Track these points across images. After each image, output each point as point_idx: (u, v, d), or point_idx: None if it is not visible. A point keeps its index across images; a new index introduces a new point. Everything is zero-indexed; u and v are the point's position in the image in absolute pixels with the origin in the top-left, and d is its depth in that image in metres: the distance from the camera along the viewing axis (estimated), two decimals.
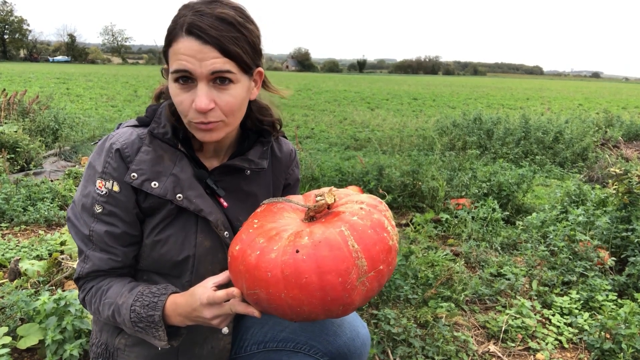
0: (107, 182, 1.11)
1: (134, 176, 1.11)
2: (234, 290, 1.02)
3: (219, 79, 1.05)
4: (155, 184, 1.12)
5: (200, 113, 1.06)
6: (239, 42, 1.05)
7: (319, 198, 1.08)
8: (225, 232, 1.20)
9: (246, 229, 1.08)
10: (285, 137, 1.42)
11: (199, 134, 1.11)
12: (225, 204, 1.23)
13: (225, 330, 1.27)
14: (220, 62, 1.03)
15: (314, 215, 1.08)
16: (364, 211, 1.03)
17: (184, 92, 1.06)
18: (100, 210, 1.12)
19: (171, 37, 1.05)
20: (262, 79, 1.21)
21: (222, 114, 1.08)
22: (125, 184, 1.12)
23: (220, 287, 1.08)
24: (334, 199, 1.08)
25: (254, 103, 1.25)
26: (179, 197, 1.13)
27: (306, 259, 0.92)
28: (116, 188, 1.11)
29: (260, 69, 1.17)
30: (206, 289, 1.05)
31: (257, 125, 1.28)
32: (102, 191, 1.11)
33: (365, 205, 1.05)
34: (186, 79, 1.05)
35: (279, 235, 1.01)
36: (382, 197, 3.70)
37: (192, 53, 1.02)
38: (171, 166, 1.15)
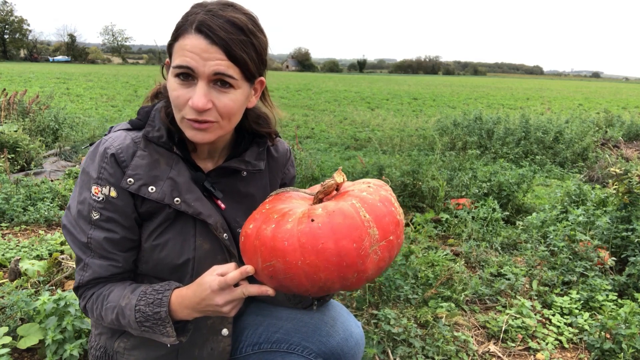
0: (103, 188, 1.09)
1: (130, 181, 1.10)
2: (247, 267, 1.02)
3: (220, 82, 1.05)
4: (152, 189, 1.11)
5: (195, 111, 1.05)
6: (246, 48, 1.04)
7: (326, 180, 1.11)
8: (224, 234, 1.19)
9: (258, 211, 1.11)
10: (280, 137, 1.41)
11: (190, 132, 1.09)
12: (222, 205, 1.22)
13: (225, 332, 1.26)
14: (225, 66, 1.02)
15: (322, 199, 1.11)
16: (372, 188, 1.08)
17: (183, 87, 1.05)
18: (97, 217, 1.10)
19: (179, 32, 1.04)
20: (262, 88, 1.20)
21: (218, 116, 1.07)
22: (122, 189, 1.10)
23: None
24: (343, 179, 1.12)
25: (251, 111, 1.23)
26: (177, 201, 1.12)
27: (322, 226, 0.96)
28: (113, 193, 1.10)
29: (262, 78, 1.16)
30: (215, 276, 1.04)
31: (252, 132, 1.28)
32: (98, 197, 1.09)
33: (372, 184, 1.11)
34: (187, 75, 1.04)
35: (292, 211, 1.04)
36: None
37: (198, 51, 1.01)
38: (168, 170, 1.14)
